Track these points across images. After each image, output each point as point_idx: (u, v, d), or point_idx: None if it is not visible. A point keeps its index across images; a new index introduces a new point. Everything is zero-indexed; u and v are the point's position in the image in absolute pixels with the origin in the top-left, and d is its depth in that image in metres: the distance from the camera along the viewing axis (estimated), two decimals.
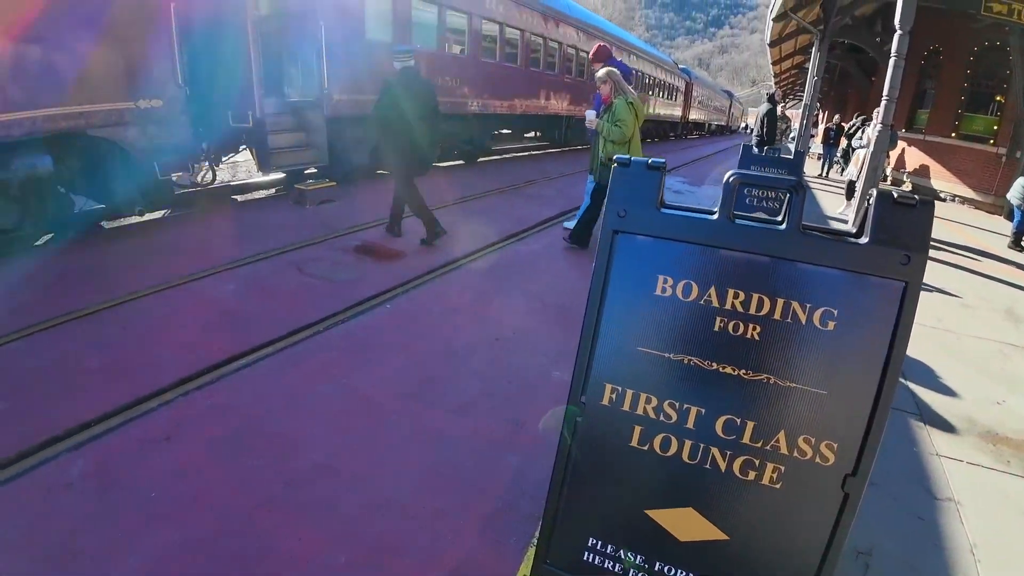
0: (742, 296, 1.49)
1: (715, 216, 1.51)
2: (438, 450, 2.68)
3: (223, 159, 7.68)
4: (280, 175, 8.66)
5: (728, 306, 1.50)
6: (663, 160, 1.56)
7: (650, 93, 23.92)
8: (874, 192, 1.42)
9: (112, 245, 5.75)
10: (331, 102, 8.00)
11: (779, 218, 1.55)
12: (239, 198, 7.92)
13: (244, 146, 7.59)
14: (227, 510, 2.24)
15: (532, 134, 18.48)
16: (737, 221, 1.50)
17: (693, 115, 34.32)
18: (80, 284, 4.70)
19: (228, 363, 3.36)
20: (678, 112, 30.68)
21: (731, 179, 1.51)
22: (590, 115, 5.62)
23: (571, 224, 6.43)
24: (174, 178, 6.37)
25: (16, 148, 5.15)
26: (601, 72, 5.37)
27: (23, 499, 2.36)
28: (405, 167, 5.63)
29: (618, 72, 5.37)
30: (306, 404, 3.00)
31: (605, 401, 1.61)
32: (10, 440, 2.74)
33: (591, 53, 6.95)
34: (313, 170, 8.47)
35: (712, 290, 1.50)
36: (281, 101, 7.56)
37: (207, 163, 7.04)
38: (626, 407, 1.59)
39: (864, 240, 1.42)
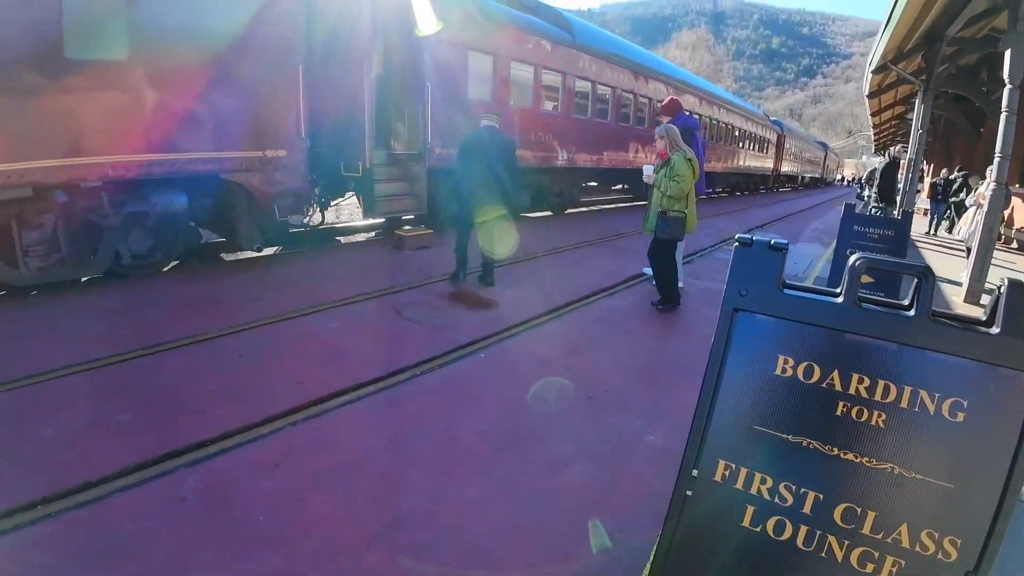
0: (867, 382, 1.46)
1: (839, 299, 1.51)
2: (532, 505, 2.71)
3: (331, 203, 8.33)
4: (379, 220, 9.22)
5: (852, 391, 1.48)
6: (785, 241, 1.59)
7: (739, 145, 23.61)
8: (1006, 281, 1.39)
9: (231, 276, 6.32)
10: (432, 155, 8.56)
11: (906, 302, 1.53)
12: (342, 239, 8.50)
13: (351, 192, 8.24)
14: (331, 543, 2.36)
15: (620, 186, 18.65)
16: (863, 306, 1.49)
17: (785, 167, 33.47)
18: (202, 310, 5.19)
19: (332, 398, 3.58)
20: (769, 164, 30.02)
21: (856, 264, 1.51)
22: (647, 170, 5.66)
23: (648, 270, 6.42)
24: (289, 219, 6.97)
25: (157, 185, 5.92)
26: (658, 128, 5.45)
27: (139, 509, 2.58)
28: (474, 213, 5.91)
29: (676, 129, 5.43)
30: (405, 446, 3.13)
31: (717, 477, 1.61)
32: (132, 451, 3.03)
33: (661, 105, 7.07)
34: (410, 216, 8.98)
35: (835, 373, 1.49)
36: (387, 153, 8.16)
37: (317, 206, 7.66)
38: (739, 485, 1.58)
39: (995, 330, 1.38)
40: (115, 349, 4.38)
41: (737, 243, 1.61)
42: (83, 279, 6.05)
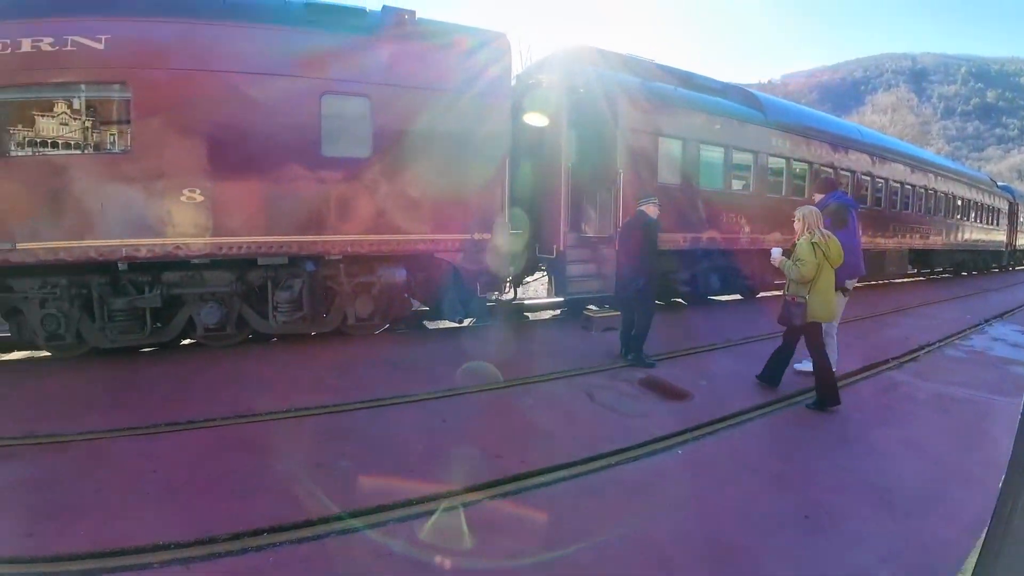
0: None
1: None
2: None
3: (523, 281, 8.86)
4: (561, 299, 9.53)
5: None
6: None
7: (961, 217, 20.53)
8: None
9: (434, 343, 6.93)
10: None
11: None
12: (530, 315, 8.91)
13: (542, 271, 8.72)
14: None
15: None
16: None
17: (1022, 241, 28.11)
18: (410, 372, 5.74)
19: (530, 477, 3.63)
20: (1000, 238, 25.36)
21: None
22: (775, 252, 5.46)
23: (803, 366, 5.99)
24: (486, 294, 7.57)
25: (383, 260, 6.93)
26: (798, 209, 5.36)
27: (350, 556, 2.79)
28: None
29: (814, 211, 5.28)
30: (602, 543, 3.02)
31: None
32: (349, 496, 3.33)
33: (815, 183, 6.53)
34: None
35: None
36: (578, 236, 8.54)
37: (511, 283, 8.21)
38: None
39: None
40: (339, 399, 4.99)
41: None
42: (314, 333, 7.10)
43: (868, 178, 15.29)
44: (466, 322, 7.87)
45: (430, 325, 7.95)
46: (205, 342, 6.83)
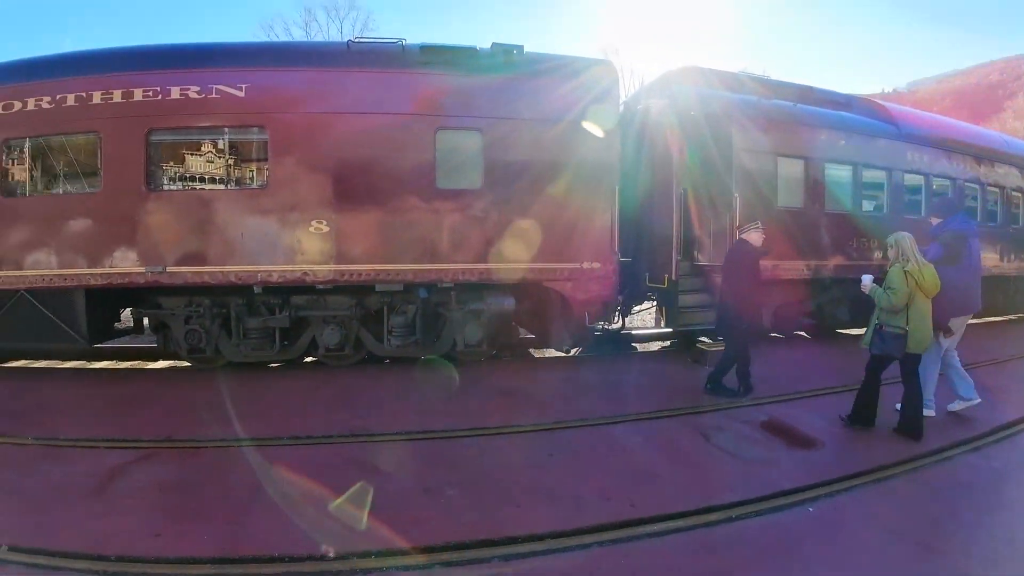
0: None
1: None
2: None
3: (631, 310, 8.62)
4: (670, 330, 9.13)
5: None
6: None
7: None
8: None
9: (540, 373, 6.92)
10: None
11: None
12: (638, 346, 8.63)
13: (651, 300, 8.43)
14: None
15: None
16: None
17: None
18: (517, 401, 5.74)
19: (641, 524, 3.43)
20: None
21: None
22: (866, 279, 5.15)
23: (955, 406, 5.43)
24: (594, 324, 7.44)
25: (492, 288, 7.12)
26: (890, 236, 5.12)
27: None
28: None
29: (907, 239, 4.97)
30: None
31: None
32: (457, 526, 3.33)
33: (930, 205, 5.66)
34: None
35: None
36: (691, 264, 8.13)
37: (619, 312, 8.00)
38: None
39: None
40: (448, 424, 5.08)
41: None
42: (424, 357, 7.33)
43: (1020, 194, 13.42)
44: (573, 351, 7.77)
45: (536, 353, 7.92)
46: (325, 360, 7.36)
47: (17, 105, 6.82)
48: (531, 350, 8.23)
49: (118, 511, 3.64)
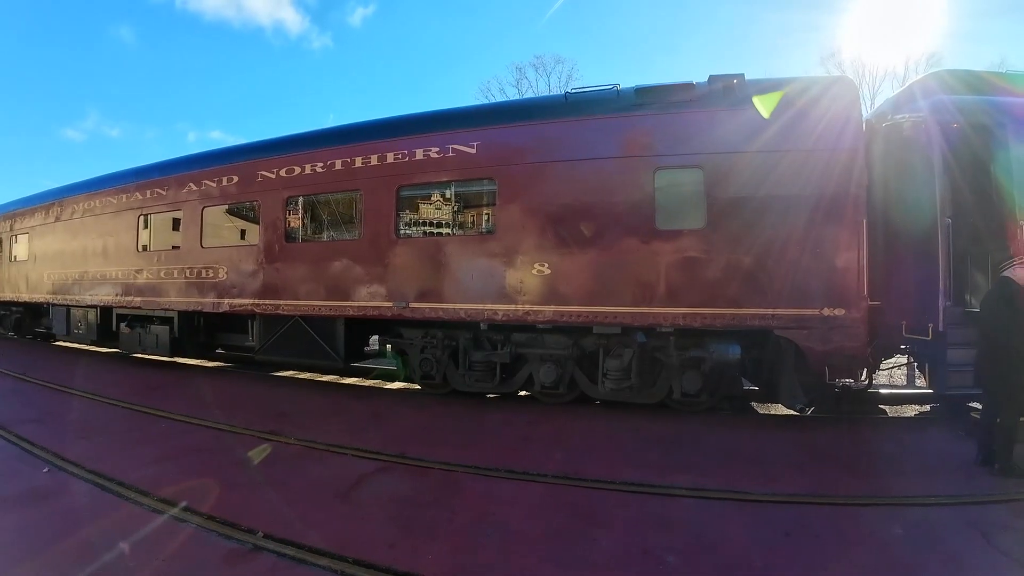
0: None
1: None
2: None
3: (881, 363, 7.36)
4: (931, 391, 7.54)
5: None
6: None
7: None
8: None
9: (769, 432, 6.24)
10: None
11: None
12: (887, 410, 7.33)
13: (903, 353, 7.11)
14: None
15: None
16: None
17: None
18: (739, 463, 5.18)
19: None
20: None
21: None
22: None
23: None
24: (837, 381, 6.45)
25: (715, 335, 6.66)
26: None
27: None
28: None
29: None
30: None
31: None
32: None
33: None
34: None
35: None
36: (963, 311, 6.66)
37: (865, 367, 6.86)
38: None
39: None
40: (664, 479, 4.81)
41: None
42: (639, 403, 7.12)
43: None
44: (806, 411, 6.86)
45: (760, 408, 7.16)
46: (538, 397, 7.64)
47: (297, 170, 8.78)
48: (754, 403, 7.45)
49: (360, 516, 4.14)
